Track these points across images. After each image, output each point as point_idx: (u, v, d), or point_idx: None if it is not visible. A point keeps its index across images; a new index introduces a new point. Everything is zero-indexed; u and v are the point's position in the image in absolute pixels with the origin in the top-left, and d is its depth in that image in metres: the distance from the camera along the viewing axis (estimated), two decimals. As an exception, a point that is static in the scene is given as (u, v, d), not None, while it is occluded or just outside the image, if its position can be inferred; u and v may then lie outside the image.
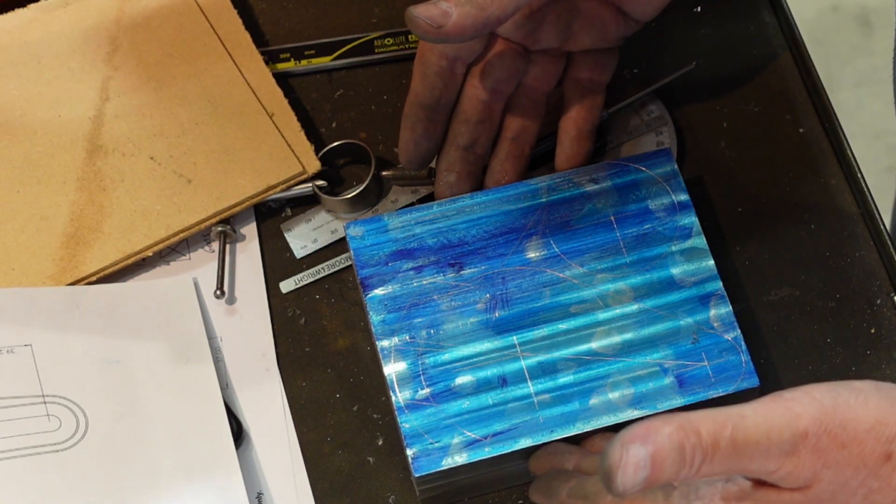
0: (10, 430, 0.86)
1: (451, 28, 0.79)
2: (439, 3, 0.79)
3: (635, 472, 0.65)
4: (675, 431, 0.65)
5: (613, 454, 0.65)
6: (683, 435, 0.65)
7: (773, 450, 0.66)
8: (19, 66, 0.96)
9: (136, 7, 0.98)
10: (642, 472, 0.65)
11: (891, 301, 0.90)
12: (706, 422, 0.66)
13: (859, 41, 1.99)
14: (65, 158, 0.94)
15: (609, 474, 0.65)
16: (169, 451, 0.86)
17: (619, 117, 0.95)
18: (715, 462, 0.66)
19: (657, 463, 0.65)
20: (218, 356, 0.90)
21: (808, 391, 0.68)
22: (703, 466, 0.66)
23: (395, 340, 0.85)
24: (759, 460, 0.66)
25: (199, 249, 0.94)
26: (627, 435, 0.65)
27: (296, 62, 0.98)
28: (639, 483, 0.65)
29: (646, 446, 0.65)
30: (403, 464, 0.87)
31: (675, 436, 0.65)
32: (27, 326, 0.89)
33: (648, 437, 0.65)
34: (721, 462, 0.66)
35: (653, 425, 0.65)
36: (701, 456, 0.65)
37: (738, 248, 0.92)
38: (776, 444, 0.66)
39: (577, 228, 0.88)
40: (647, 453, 0.65)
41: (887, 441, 0.67)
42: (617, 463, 0.65)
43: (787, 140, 0.95)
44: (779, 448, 0.66)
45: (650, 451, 0.65)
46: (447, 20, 0.79)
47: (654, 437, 0.65)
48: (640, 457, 0.65)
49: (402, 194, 0.94)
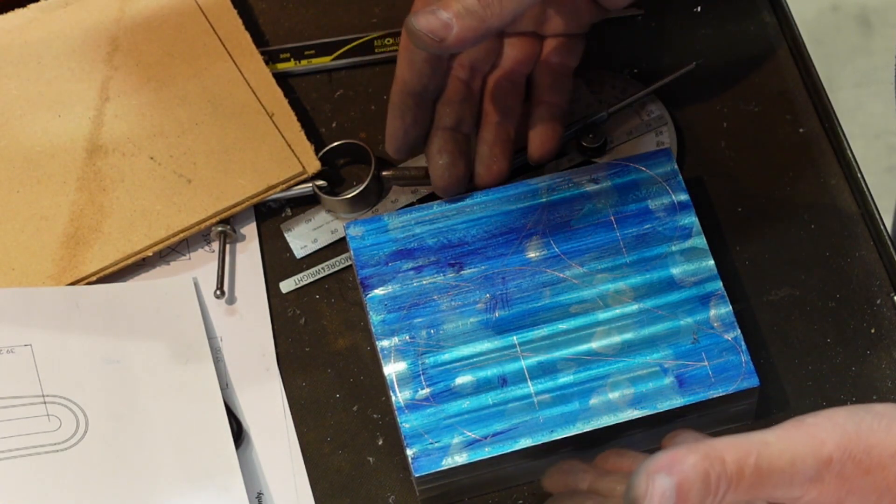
0: (10, 430, 0.86)
1: (453, 41, 0.80)
2: (439, 14, 0.79)
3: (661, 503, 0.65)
4: (700, 461, 0.65)
5: (639, 485, 0.65)
6: (708, 464, 0.65)
7: (798, 477, 0.66)
8: (19, 66, 0.96)
9: (136, 7, 0.98)
10: (668, 502, 0.65)
11: (891, 301, 0.90)
12: (730, 450, 0.66)
13: (859, 41, 1.99)
14: (65, 158, 0.94)
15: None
16: (169, 451, 0.86)
17: (620, 117, 0.95)
18: (740, 490, 0.66)
19: (682, 493, 0.65)
20: (218, 356, 0.90)
21: (830, 416, 0.67)
22: (728, 495, 0.66)
23: (395, 340, 0.85)
24: (784, 488, 0.66)
25: (199, 249, 0.94)
26: (652, 465, 0.65)
27: (296, 62, 0.98)
28: None
29: (671, 476, 0.65)
30: (403, 464, 0.87)
31: (700, 465, 0.65)
32: (27, 326, 0.89)
33: (674, 466, 0.65)
34: (746, 490, 0.66)
35: (678, 454, 0.65)
36: (726, 484, 0.65)
37: (738, 248, 0.92)
38: (801, 472, 0.66)
39: (577, 228, 0.88)
40: (673, 483, 0.65)
41: None
42: (643, 494, 0.65)
43: (787, 140, 0.95)
44: (803, 475, 0.66)
45: (675, 480, 0.65)
46: (449, 33, 0.79)
47: (679, 466, 0.65)
48: (666, 487, 0.64)
49: (402, 194, 0.94)
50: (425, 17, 0.79)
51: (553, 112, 0.91)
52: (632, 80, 0.96)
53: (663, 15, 0.98)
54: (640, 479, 0.65)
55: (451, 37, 0.79)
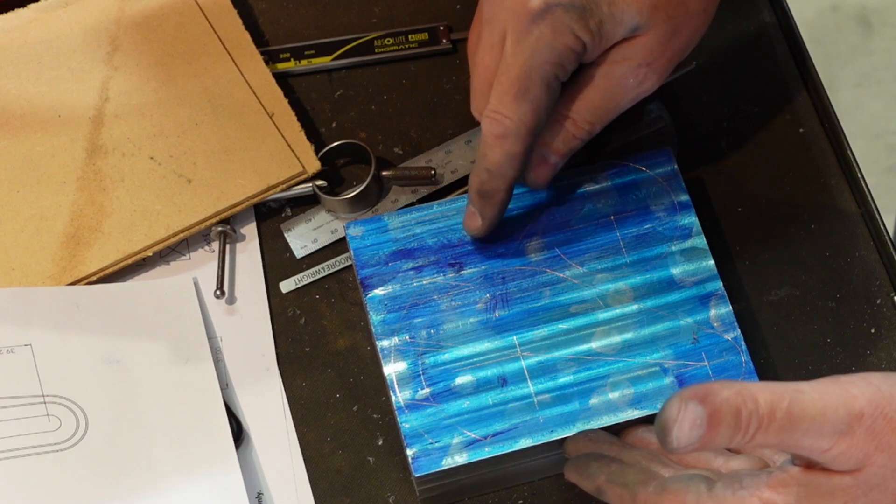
0: (10, 430, 0.86)
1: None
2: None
3: (691, 430, 0.65)
4: (733, 395, 0.66)
5: (671, 408, 0.66)
6: (741, 400, 0.66)
7: (828, 427, 0.66)
8: (19, 66, 0.96)
9: (136, 7, 0.98)
10: (698, 430, 0.65)
11: (891, 301, 0.90)
12: (764, 391, 0.66)
13: (859, 41, 1.99)
14: (65, 158, 0.94)
15: (666, 428, 0.66)
16: (169, 451, 0.86)
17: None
18: (770, 432, 0.66)
19: (713, 424, 0.65)
20: (218, 356, 0.90)
21: (864, 376, 0.68)
22: (758, 435, 0.66)
23: (395, 340, 0.85)
24: (813, 436, 0.67)
25: (199, 249, 0.94)
26: (687, 392, 0.66)
27: (296, 62, 0.98)
28: (693, 441, 0.65)
29: (704, 405, 0.65)
30: (403, 464, 0.87)
31: (733, 399, 0.66)
32: (27, 326, 0.89)
33: (707, 396, 0.66)
34: (775, 433, 0.66)
35: (713, 387, 0.66)
36: (756, 424, 0.66)
37: (738, 248, 0.92)
38: (831, 422, 0.66)
39: (577, 228, 0.88)
40: (704, 412, 0.65)
41: None
42: (675, 417, 0.65)
43: (787, 140, 0.95)
44: (833, 426, 0.66)
45: (708, 410, 0.65)
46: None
47: (713, 397, 0.66)
48: (698, 414, 0.65)
49: (402, 194, 0.94)
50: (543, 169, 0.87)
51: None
52: (632, 80, 0.96)
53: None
54: (673, 403, 0.66)
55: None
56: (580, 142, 0.86)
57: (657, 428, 0.66)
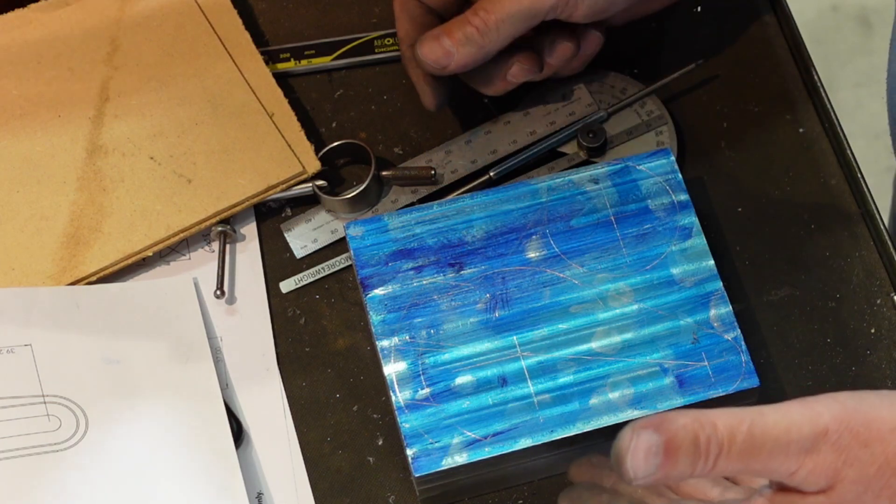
0: (10, 430, 0.86)
1: (454, 66, 0.90)
2: (443, 42, 0.89)
3: (646, 458, 0.64)
4: (690, 422, 0.65)
5: (623, 438, 0.65)
6: (698, 426, 0.65)
7: (793, 447, 0.65)
8: (19, 66, 0.96)
9: (136, 7, 0.98)
10: (654, 458, 0.64)
11: (891, 301, 0.90)
12: (723, 416, 0.65)
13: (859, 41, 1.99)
14: (65, 158, 0.94)
15: (619, 458, 0.65)
16: (169, 451, 0.86)
17: (620, 117, 0.95)
18: (732, 457, 0.65)
19: (671, 451, 0.64)
20: (218, 356, 0.90)
21: (832, 395, 0.67)
22: (721, 461, 0.65)
23: (395, 340, 0.85)
24: (779, 458, 0.66)
25: (199, 249, 0.94)
26: (641, 422, 0.65)
27: (296, 62, 0.98)
28: (651, 471, 0.64)
29: (659, 433, 0.64)
30: (403, 464, 0.87)
31: (690, 426, 0.65)
32: (27, 326, 0.89)
33: (662, 424, 0.65)
34: (739, 457, 0.65)
35: (668, 415, 0.65)
36: (717, 448, 0.65)
37: (738, 248, 0.92)
38: (795, 441, 0.65)
39: (577, 228, 0.88)
40: (660, 440, 0.64)
41: None
42: (626, 446, 0.64)
43: (787, 140, 0.95)
44: (798, 445, 0.65)
45: (664, 437, 0.64)
46: (450, 60, 0.89)
47: (667, 424, 0.65)
48: (653, 442, 0.64)
49: (402, 194, 0.94)
50: (430, 45, 0.90)
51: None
52: (632, 80, 0.96)
53: (663, 15, 0.97)
54: (625, 433, 0.65)
55: (452, 63, 0.89)
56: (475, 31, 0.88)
57: (612, 460, 0.65)
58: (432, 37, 0.90)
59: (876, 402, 0.67)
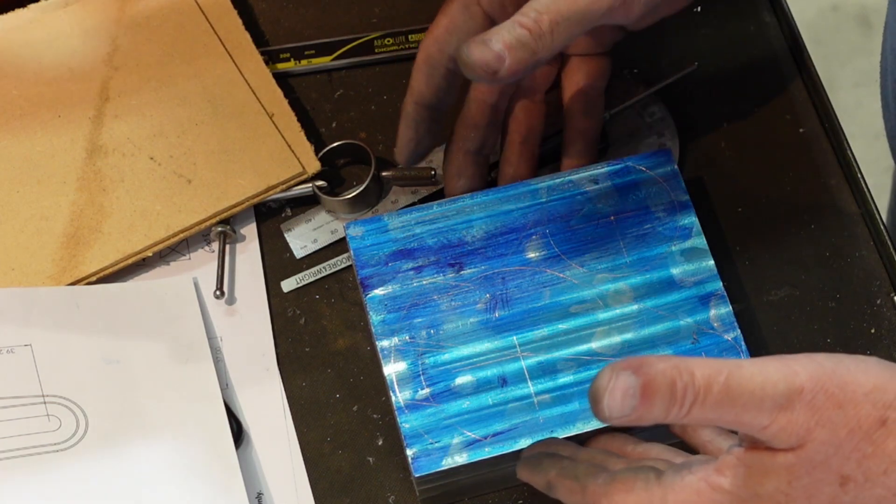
0: (10, 430, 0.86)
1: (505, 73, 0.80)
2: (493, 45, 0.80)
3: (623, 399, 0.64)
4: (669, 368, 0.65)
5: (603, 377, 0.65)
6: (677, 373, 0.65)
7: (767, 401, 0.66)
8: (19, 66, 0.96)
9: (136, 7, 0.98)
10: (630, 400, 0.64)
11: (891, 301, 0.90)
12: (702, 365, 0.66)
13: (859, 41, 1.99)
14: (65, 158, 0.94)
15: (596, 397, 0.65)
16: (169, 452, 0.86)
17: (621, 118, 0.95)
18: (707, 406, 0.65)
19: (647, 394, 0.65)
20: (218, 356, 0.90)
21: (809, 355, 0.67)
22: (694, 409, 0.65)
23: (395, 340, 0.85)
24: (753, 411, 0.66)
25: (199, 249, 0.94)
26: (621, 363, 0.65)
27: (296, 62, 0.98)
28: (626, 412, 0.64)
29: (638, 375, 0.65)
30: (403, 464, 0.87)
31: (668, 371, 0.65)
32: (27, 326, 0.89)
33: (642, 367, 0.65)
34: (713, 407, 0.65)
35: (648, 359, 0.65)
36: (692, 396, 0.65)
37: (738, 248, 0.92)
38: (770, 396, 0.66)
39: (577, 228, 0.88)
40: (638, 382, 0.65)
41: (884, 407, 0.66)
42: (605, 385, 0.65)
43: (787, 140, 0.95)
44: (773, 400, 0.66)
45: (642, 380, 0.65)
46: (501, 65, 0.80)
47: (647, 368, 0.65)
48: (630, 384, 0.64)
49: (402, 194, 0.94)
50: (479, 48, 0.80)
51: (587, 138, 0.91)
52: (633, 82, 0.96)
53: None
54: (605, 372, 0.65)
55: (504, 69, 0.80)
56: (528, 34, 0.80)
57: (589, 398, 0.65)
58: (480, 40, 0.80)
59: (852, 365, 0.67)
